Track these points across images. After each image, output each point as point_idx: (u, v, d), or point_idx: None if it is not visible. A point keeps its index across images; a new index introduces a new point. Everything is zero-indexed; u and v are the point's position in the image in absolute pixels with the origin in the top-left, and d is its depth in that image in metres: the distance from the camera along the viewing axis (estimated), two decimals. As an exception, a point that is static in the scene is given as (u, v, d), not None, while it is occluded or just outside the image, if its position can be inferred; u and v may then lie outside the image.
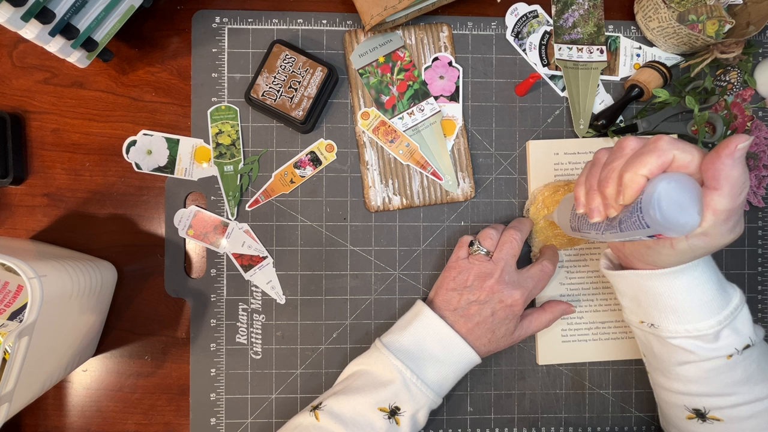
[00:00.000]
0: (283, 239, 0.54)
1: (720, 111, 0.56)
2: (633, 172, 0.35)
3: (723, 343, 0.40)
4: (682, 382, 0.43)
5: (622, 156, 0.37)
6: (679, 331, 0.41)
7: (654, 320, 0.42)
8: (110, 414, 0.53)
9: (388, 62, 0.54)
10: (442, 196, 0.54)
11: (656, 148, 0.35)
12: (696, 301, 0.40)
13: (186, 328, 0.54)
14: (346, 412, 0.44)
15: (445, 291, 0.48)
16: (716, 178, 0.33)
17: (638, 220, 0.35)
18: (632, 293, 0.43)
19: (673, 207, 0.33)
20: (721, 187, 0.33)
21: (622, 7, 0.57)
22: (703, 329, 0.40)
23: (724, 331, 0.40)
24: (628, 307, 0.45)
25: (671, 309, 0.40)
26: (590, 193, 0.39)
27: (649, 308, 0.42)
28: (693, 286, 0.40)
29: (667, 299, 0.40)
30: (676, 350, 0.42)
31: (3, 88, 0.53)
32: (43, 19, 0.41)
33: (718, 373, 0.41)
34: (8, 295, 0.45)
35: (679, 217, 0.34)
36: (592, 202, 0.39)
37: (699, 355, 0.41)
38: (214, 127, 0.53)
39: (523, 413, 0.55)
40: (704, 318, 0.40)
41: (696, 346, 0.41)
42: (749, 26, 0.53)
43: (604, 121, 0.53)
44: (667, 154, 0.34)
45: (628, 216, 0.36)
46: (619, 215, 0.37)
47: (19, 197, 0.53)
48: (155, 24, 0.54)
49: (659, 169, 0.35)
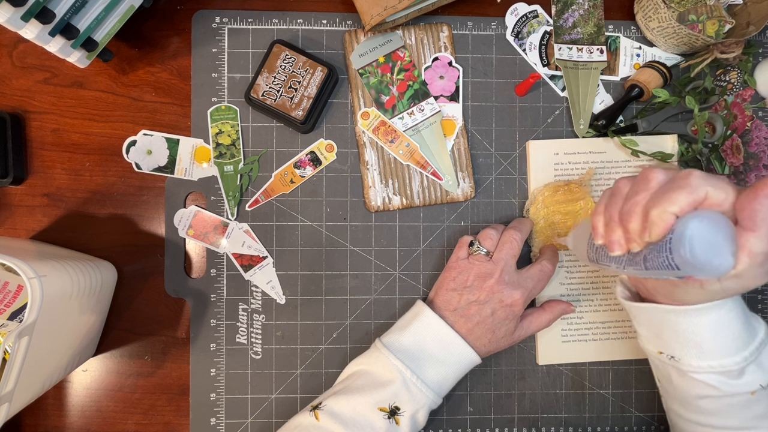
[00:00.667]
0: (283, 239, 0.54)
1: (720, 111, 0.56)
2: (662, 210, 0.33)
3: (748, 380, 0.39)
4: (702, 415, 0.42)
5: (648, 189, 0.35)
6: (703, 367, 0.39)
7: (675, 353, 0.41)
8: (110, 414, 0.53)
9: (388, 62, 0.54)
10: (442, 196, 0.54)
11: (687, 185, 0.32)
12: (722, 338, 0.38)
13: (186, 328, 0.54)
14: (346, 412, 0.44)
15: (445, 291, 0.48)
16: (753, 218, 0.31)
17: (667, 260, 0.33)
18: (652, 325, 0.42)
19: (706, 248, 0.31)
20: (758, 228, 0.31)
21: (622, 7, 0.56)
22: (728, 366, 0.38)
23: (750, 367, 0.39)
24: (645, 336, 0.44)
25: (695, 344, 0.39)
26: (610, 224, 0.37)
27: (670, 341, 0.40)
28: (719, 324, 0.38)
29: (691, 335, 0.39)
30: (698, 384, 0.40)
31: (3, 88, 0.53)
32: (43, 19, 0.41)
33: (741, 408, 0.40)
34: (8, 295, 0.45)
35: (712, 259, 0.31)
36: (612, 235, 0.37)
37: (722, 391, 0.39)
38: (214, 127, 0.53)
39: (523, 413, 0.55)
40: (729, 355, 0.38)
41: (720, 381, 0.39)
42: (749, 26, 0.53)
43: (604, 121, 0.53)
44: (699, 191, 0.32)
45: (656, 255, 0.34)
46: (643, 251, 0.35)
47: (19, 197, 0.53)
48: (155, 24, 0.54)
49: (690, 207, 0.32)
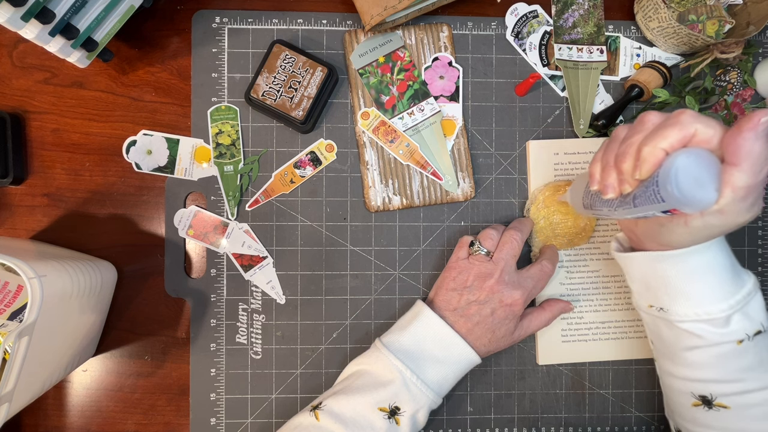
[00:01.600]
0: (283, 239, 0.54)
1: (720, 111, 0.56)
2: (652, 146, 0.34)
3: (734, 328, 0.39)
4: (689, 368, 0.42)
5: (643, 130, 0.36)
6: (689, 315, 0.40)
7: (663, 304, 0.41)
8: (110, 414, 0.53)
9: (388, 62, 0.54)
10: (442, 196, 0.54)
11: (678, 122, 0.34)
12: (707, 285, 0.39)
13: (186, 328, 0.54)
14: (346, 411, 0.44)
15: (445, 291, 0.48)
16: (737, 153, 0.32)
17: (653, 194, 0.34)
18: (642, 276, 0.43)
19: (691, 181, 0.33)
20: (741, 162, 0.32)
21: (622, 7, 0.56)
22: (714, 313, 0.39)
23: (736, 316, 0.39)
24: (637, 291, 0.44)
25: (681, 292, 0.40)
26: (606, 169, 0.38)
27: (658, 291, 0.41)
28: (704, 269, 0.39)
29: (677, 282, 0.40)
30: (685, 334, 0.41)
31: (3, 88, 0.53)
32: (43, 19, 0.41)
33: (728, 358, 0.40)
34: (8, 295, 0.45)
35: (695, 192, 0.33)
36: (607, 178, 0.38)
37: (708, 340, 0.40)
38: (214, 127, 0.53)
39: (523, 413, 0.55)
40: (715, 302, 0.39)
41: (705, 330, 0.40)
42: (749, 26, 0.53)
43: (604, 121, 0.53)
44: (688, 127, 0.34)
45: (644, 191, 0.35)
46: (633, 191, 0.36)
47: (19, 197, 0.53)
48: (155, 24, 0.54)
49: (680, 144, 0.34)
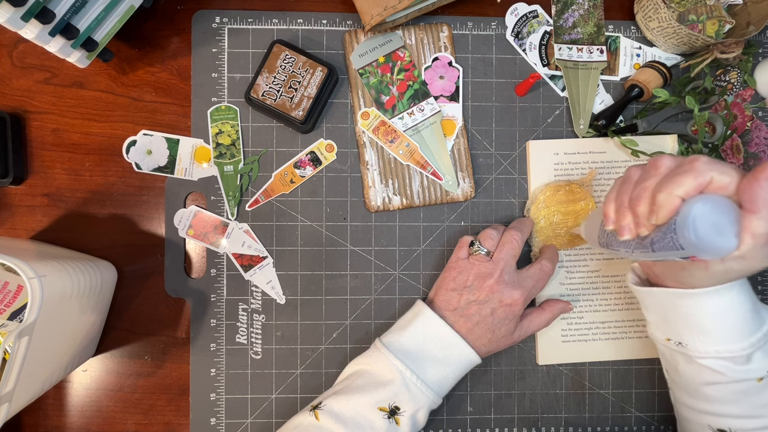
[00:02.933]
0: (283, 239, 0.54)
1: (720, 111, 0.56)
2: (668, 193, 0.34)
3: (754, 366, 0.39)
4: (708, 403, 0.42)
5: (656, 175, 0.36)
6: (709, 352, 0.40)
7: (682, 339, 0.41)
8: (110, 414, 0.53)
9: (388, 62, 0.54)
10: (442, 196, 0.54)
11: (693, 169, 0.34)
12: (729, 323, 0.39)
13: (186, 328, 0.54)
14: (346, 411, 0.44)
15: (445, 291, 0.48)
16: (754, 201, 0.32)
17: (672, 241, 0.34)
18: (660, 310, 0.42)
19: (709, 229, 0.32)
20: (758, 210, 0.32)
21: (622, 7, 0.56)
22: (735, 351, 0.39)
23: (757, 354, 0.39)
24: (653, 322, 0.44)
25: (702, 329, 0.39)
26: (621, 210, 0.38)
27: (677, 326, 0.41)
28: (726, 308, 0.39)
29: (698, 319, 0.39)
30: (704, 370, 0.41)
31: (3, 88, 0.53)
32: (43, 19, 0.41)
33: (747, 395, 0.40)
34: (8, 295, 0.45)
35: (715, 239, 0.33)
36: (622, 220, 0.38)
37: (728, 377, 0.40)
38: (214, 127, 0.53)
39: (523, 413, 0.55)
40: (736, 340, 0.39)
41: (726, 367, 0.39)
42: (749, 26, 0.53)
43: (604, 121, 0.53)
44: (704, 175, 0.33)
45: (661, 237, 0.35)
46: (651, 235, 0.36)
47: (19, 197, 0.53)
48: (155, 24, 0.54)
49: (696, 191, 0.34)
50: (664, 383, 0.56)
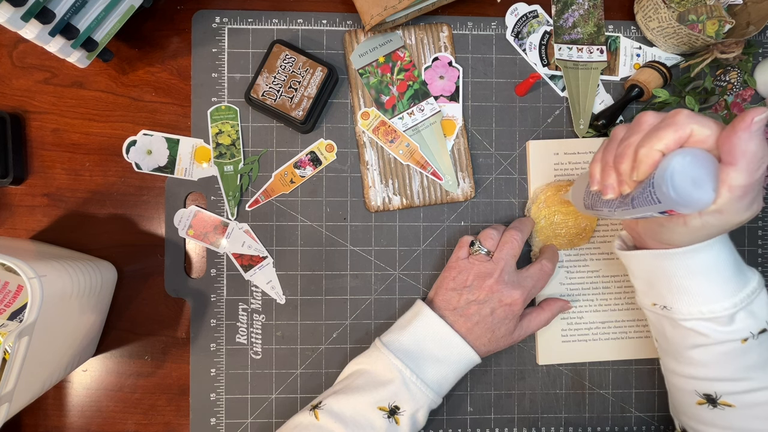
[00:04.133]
0: (283, 239, 0.54)
1: (720, 111, 0.56)
2: (648, 147, 0.34)
3: (738, 326, 0.39)
4: (694, 366, 0.42)
5: (640, 131, 0.36)
6: (693, 313, 0.40)
7: (666, 302, 0.41)
8: (110, 414, 0.53)
9: (388, 62, 0.54)
10: (442, 196, 0.54)
11: (673, 123, 0.34)
12: (710, 282, 0.39)
13: (186, 328, 0.54)
14: (346, 411, 0.44)
15: (444, 291, 0.48)
16: (732, 152, 0.32)
17: (650, 196, 0.34)
18: (645, 274, 0.42)
19: (686, 182, 0.33)
20: (737, 162, 0.32)
21: (622, 7, 0.57)
22: (717, 311, 0.39)
23: (740, 314, 0.39)
24: (640, 289, 0.44)
25: (684, 290, 0.39)
26: (605, 169, 0.38)
27: (661, 289, 0.41)
28: (707, 267, 0.39)
29: (681, 280, 0.39)
30: (689, 333, 0.41)
31: (3, 88, 0.53)
32: (43, 19, 0.41)
33: (732, 357, 0.40)
34: (8, 295, 0.45)
35: (691, 192, 0.33)
36: (606, 179, 0.38)
37: (712, 338, 0.40)
38: (214, 127, 0.53)
39: (523, 413, 0.55)
40: (719, 300, 0.39)
41: (709, 328, 0.39)
42: (749, 26, 0.53)
43: (604, 121, 0.53)
44: (684, 128, 0.33)
45: (641, 192, 0.35)
46: (632, 192, 0.36)
47: (19, 197, 0.53)
48: (155, 24, 0.54)
49: (676, 144, 0.34)
50: (664, 383, 0.55)
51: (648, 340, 0.55)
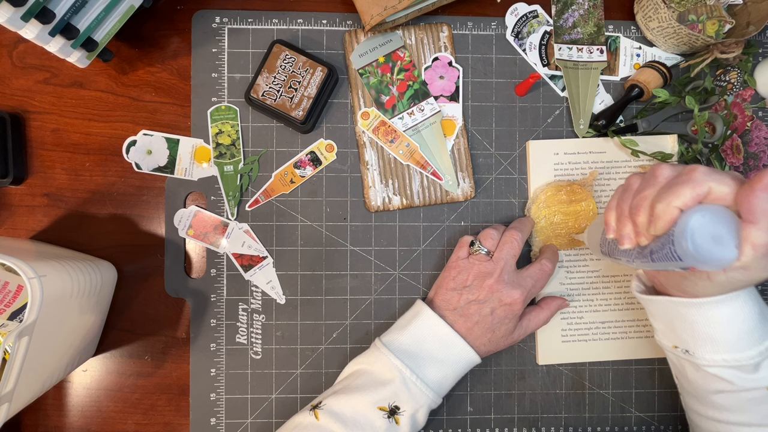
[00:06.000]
0: (283, 239, 0.54)
1: (720, 111, 0.56)
2: (666, 204, 0.34)
3: (763, 374, 0.39)
4: (718, 411, 0.42)
5: (655, 184, 0.36)
6: (717, 361, 0.39)
7: (689, 347, 0.41)
8: (110, 414, 0.53)
9: (388, 62, 0.54)
10: (442, 196, 0.54)
11: (690, 180, 0.33)
12: (735, 332, 0.38)
13: (186, 328, 0.54)
14: (346, 411, 0.44)
15: (444, 290, 0.48)
16: (752, 212, 0.32)
17: (670, 252, 0.33)
18: (666, 319, 0.42)
19: (707, 240, 0.32)
20: (757, 221, 0.31)
21: (622, 7, 0.56)
22: (743, 360, 0.38)
23: (765, 362, 0.39)
24: (660, 330, 0.44)
25: (708, 338, 0.39)
26: (621, 219, 0.38)
27: (684, 335, 0.41)
28: (733, 317, 0.38)
29: (704, 328, 0.39)
30: (713, 378, 0.40)
31: (3, 88, 0.53)
32: (43, 19, 0.41)
33: (757, 403, 0.40)
34: (8, 295, 0.45)
35: (713, 251, 0.32)
36: (623, 229, 0.38)
37: (737, 386, 0.39)
38: (214, 127, 0.53)
39: (523, 413, 0.55)
40: (744, 349, 0.38)
41: (734, 376, 0.39)
42: (749, 26, 0.53)
43: (604, 121, 0.53)
44: (702, 186, 0.33)
45: (660, 247, 0.35)
46: (650, 245, 0.36)
47: (19, 197, 0.53)
48: (155, 24, 0.54)
49: (693, 201, 0.33)
50: (664, 383, 0.56)
51: (648, 340, 0.55)
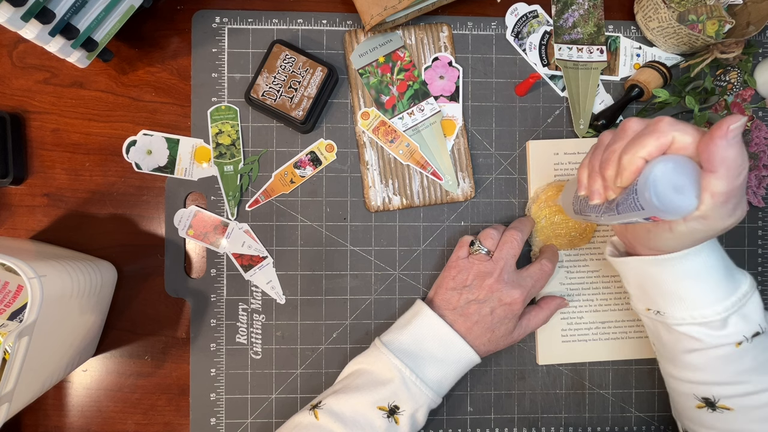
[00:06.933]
0: (283, 239, 0.54)
1: (720, 111, 0.56)
2: (631, 154, 0.35)
3: (731, 330, 0.39)
4: (690, 371, 0.42)
5: (624, 137, 0.37)
6: (685, 318, 0.40)
7: (660, 307, 0.42)
8: (110, 414, 0.53)
9: (388, 62, 0.54)
10: (442, 196, 0.54)
11: (655, 130, 0.34)
12: (701, 288, 0.39)
13: (186, 328, 0.54)
14: (346, 410, 0.44)
15: (444, 290, 0.48)
16: (711, 160, 0.33)
17: (634, 202, 0.35)
18: (637, 280, 0.43)
19: (668, 189, 0.33)
20: (716, 169, 0.33)
21: (622, 7, 0.57)
22: (709, 316, 0.39)
23: (732, 318, 0.39)
24: (634, 294, 0.45)
25: (676, 296, 0.40)
26: (592, 175, 0.39)
27: (654, 295, 0.42)
28: (697, 272, 0.39)
29: (671, 285, 0.40)
30: (683, 337, 0.41)
31: (3, 88, 0.53)
32: (43, 19, 0.41)
33: (727, 361, 0.40)
34: (8, 295, 0.45)
35: (673, 199, 0.33)
36: (593, 185, 0.39)
37: (706, 343, 0.40)
38: (214, 127, 0.53)
39: (523, 413, 0.55)
40: (710, 304, 0.39)
41: (702, 333, 0.40)
42: (749, 26, 0.53)
43: (604, 121, 0.53)
44: (666, 135, 0.34)
45: (625, 198, 0.36)
46: (617, 198, 0.37)
47: (19, 197, 0.53)
48: (155, 24, 0.54)
49: (658, 151, 0.34)
50: (664, 383, 0.55)
51: (647, 341, 0.55)
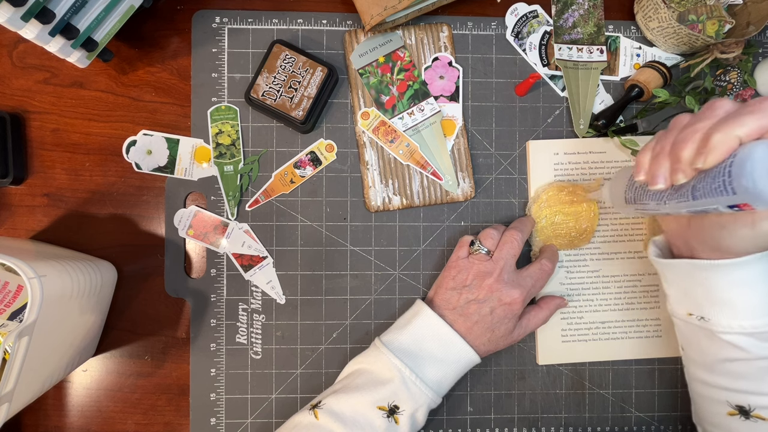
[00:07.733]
0: (283, 239, 0.54)
1: (720, 111, 0.55)
2: (724, 133, 0.31)
3: None
4: (729, 379, 0.41)
5: (713, 116, 0.34)
6: (733, 327, 0.38)
7: (705, 313, 0.40)
8: (110, 414, 0.53)
9: (388, 62, 0.54)
10: (442, 196, 0.54)
11: (759, 109, 0.31)
12: (755, 297, 0.37)
13: (186, 328, 0.54)
14: (345, 410, 0.44)
15: (444, 290, 0.48)
16: None
17: (722, 185, 0.31)
18: (683, 284, 0.41)
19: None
20: None
21: (622, 7, 0.56)
22: (760, 327, 0.37)
23: None
24: (674, 297, 0.43)
25: (728, 303, 0.38)
26: (658, 157, 0.36)
27: (701, 300, 0.40)
28: (753, 281, 0.37)
29: (724, 293, 0.38)
30: (727, 346, 0.39)
31: (3, 88, 0.53)
32: (43, 19, 0.41)
33: None
34: (8, 295, 0.45)
35: None
36: (658, 168, 0.36)
37: (752, 353, 0.38)
38: (214, 127, 0.53)
39: (523, 413, 0.55)
40: (762, 315, 0.37)
41: (750, 343, 0.38)
42: (749, 26, 0.53)
43: (604, 121, 0.53)
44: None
45: (710, 181, 0.32)
46: (691, 181, 0.34)
47: (19, 197, 0.53)
48: (155, 24, 0.54)
49: (757, 133, 0.31)
50: (664, 383, 0.56)
51: (648, 340, 0.55)
